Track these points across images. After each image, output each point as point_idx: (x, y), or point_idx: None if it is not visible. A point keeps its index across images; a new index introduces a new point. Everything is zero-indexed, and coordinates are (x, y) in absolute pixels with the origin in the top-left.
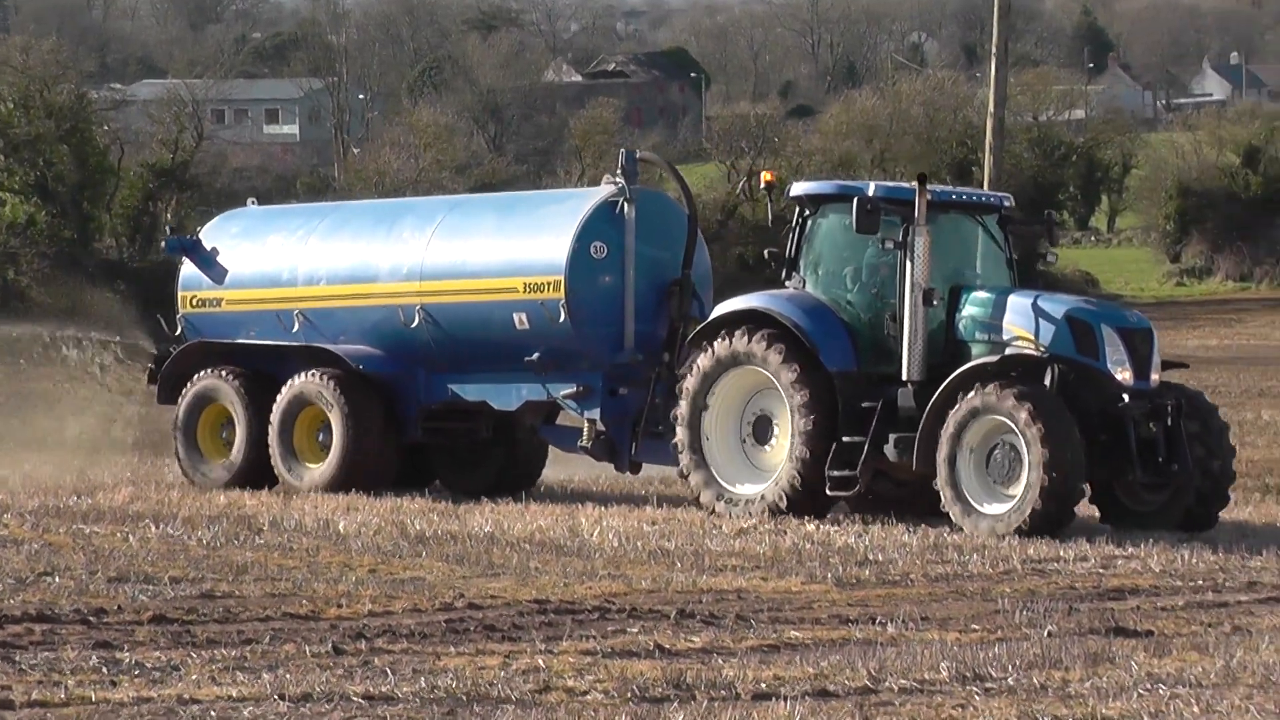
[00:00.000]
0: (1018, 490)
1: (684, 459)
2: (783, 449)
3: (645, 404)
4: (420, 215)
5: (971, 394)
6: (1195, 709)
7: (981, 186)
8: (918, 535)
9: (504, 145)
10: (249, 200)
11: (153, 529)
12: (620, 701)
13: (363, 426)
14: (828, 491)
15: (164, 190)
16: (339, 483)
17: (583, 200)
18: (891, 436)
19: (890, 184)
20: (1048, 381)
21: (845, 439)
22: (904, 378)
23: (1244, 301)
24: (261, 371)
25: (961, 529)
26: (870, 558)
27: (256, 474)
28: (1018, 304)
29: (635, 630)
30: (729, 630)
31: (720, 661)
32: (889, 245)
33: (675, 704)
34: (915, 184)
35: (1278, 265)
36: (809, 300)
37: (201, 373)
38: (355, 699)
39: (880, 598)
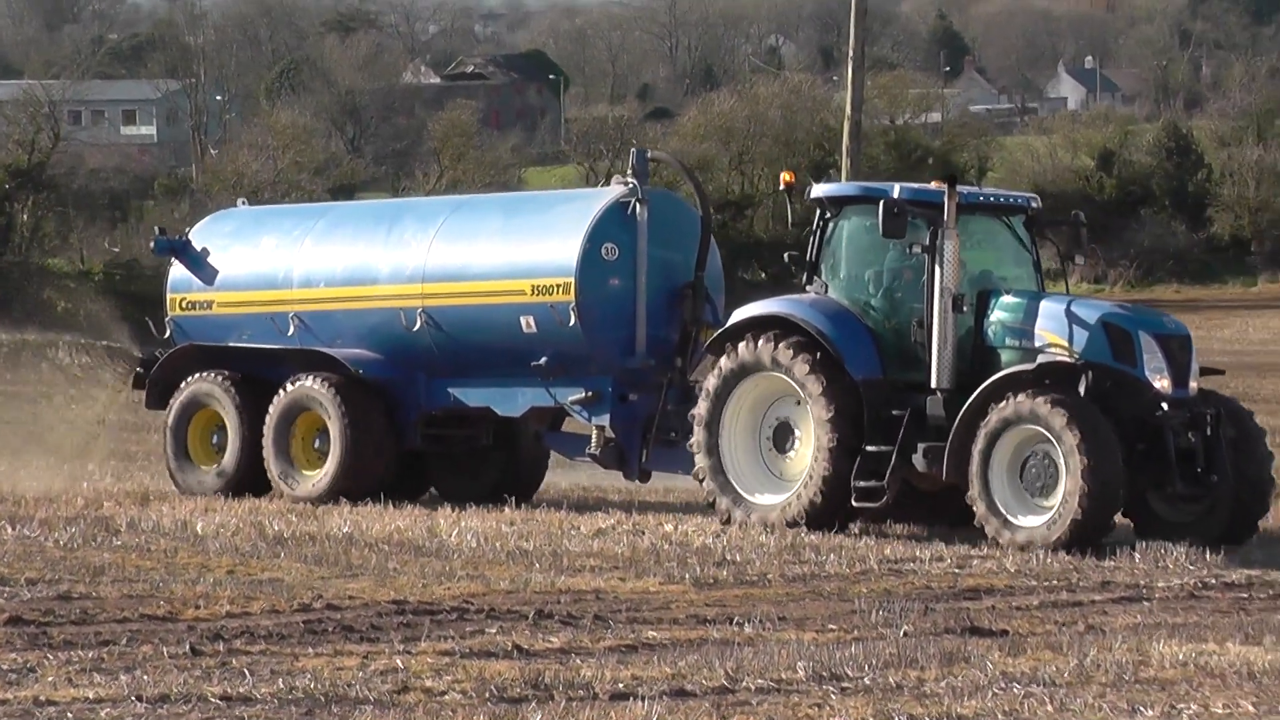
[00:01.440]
0: (1054, 501)
1: (702, 467)
2: (804, 458)
3: (656, 410)
4: (421, 216)
5: (1005, 402)
6: (1049, 707)
7: None
8: (775, 536)
9: (362, 147)
10: (239, 200)
11: (9, 530)
12: (478, 702)
13: (362, 433)
14: (854, 502)
15: (20, 191)
16: (337, 490)
17: (594, 200)
18: (920, 446)
19: (916, 185)
20: (1081, 389)
21: (871, 448)
22: (933, 385)
23: None
24: (256, 376)
25: (997, 542)
26: (728, 558)
27: (249, 481)
28: (1051, 309)
29: (493, 630)
30: (587, 630)
31: (578, 661)
32: (916, 249)
33: (533, 704)
34: (944, 185)
35: (1131, 267)
36: (832, 306)
37: (193, 376)
38: (213, 700)
39: (737, 598)
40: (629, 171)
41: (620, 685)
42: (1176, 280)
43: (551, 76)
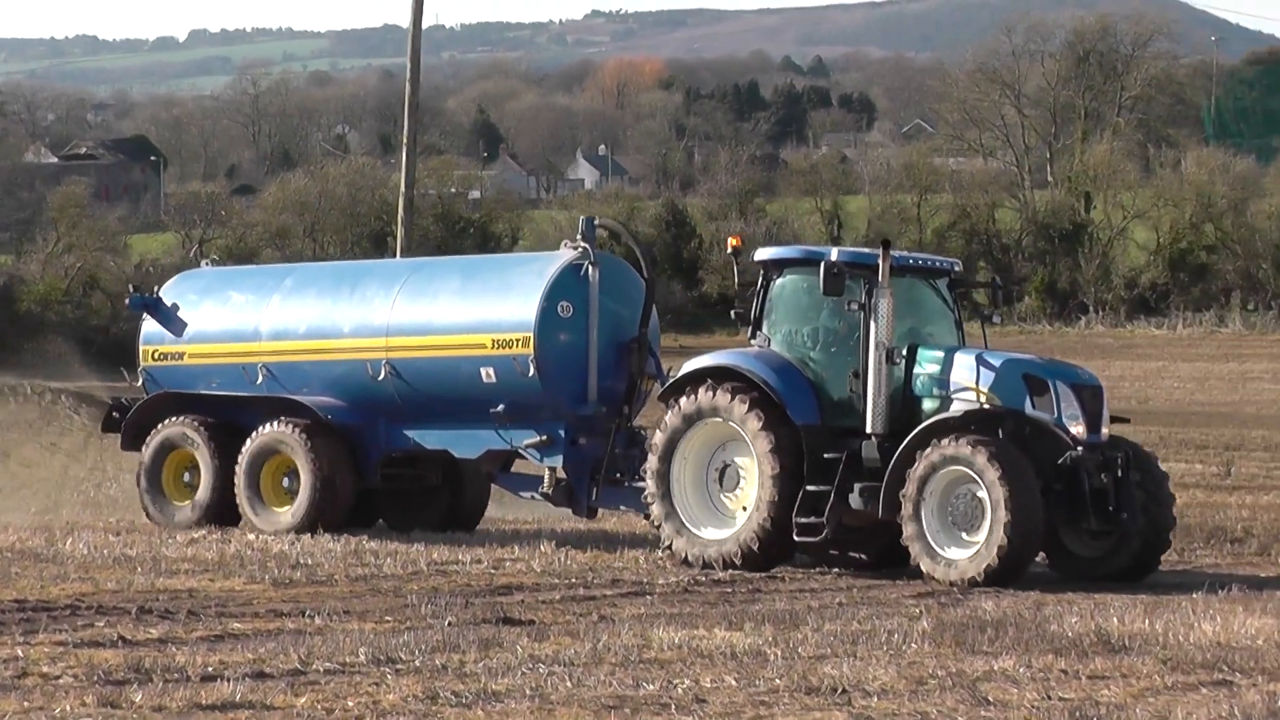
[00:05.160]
0: (980, 537)
1: (654, 506)
2: (748, 496)
3: (604, 454)
4: (383, 276)
5: (937, 445)
6: (569, 684)
7: (395, 255)
8: (341, 542)
9: None
10: (203, 262)
11: None
12: (88, 684)
13: (330, 473)
14: (795, 537)
15: None
16: (305, 526)
17: (549, 263)
18: (857, 486)
19: (852, 249)
20: (1000, 433)
21: (811, 488)
22: (868, 430)
23: None
24: (228, 420)
25: (932, 575)
26: (302, 561)
27: (221, 515)
28: (973, 362)
29: (101, 624)
30: (181, 623)
31: (174, 649)
32: (853, 307)
33: (135, 685)
34: (879, 249)
35: None
36: (775, 358)
37: (167, 420)
38: None
39: (310, 594)
40: (579, 236)
41: (210, 669)
42: (675, 331)
43: (153, 158)
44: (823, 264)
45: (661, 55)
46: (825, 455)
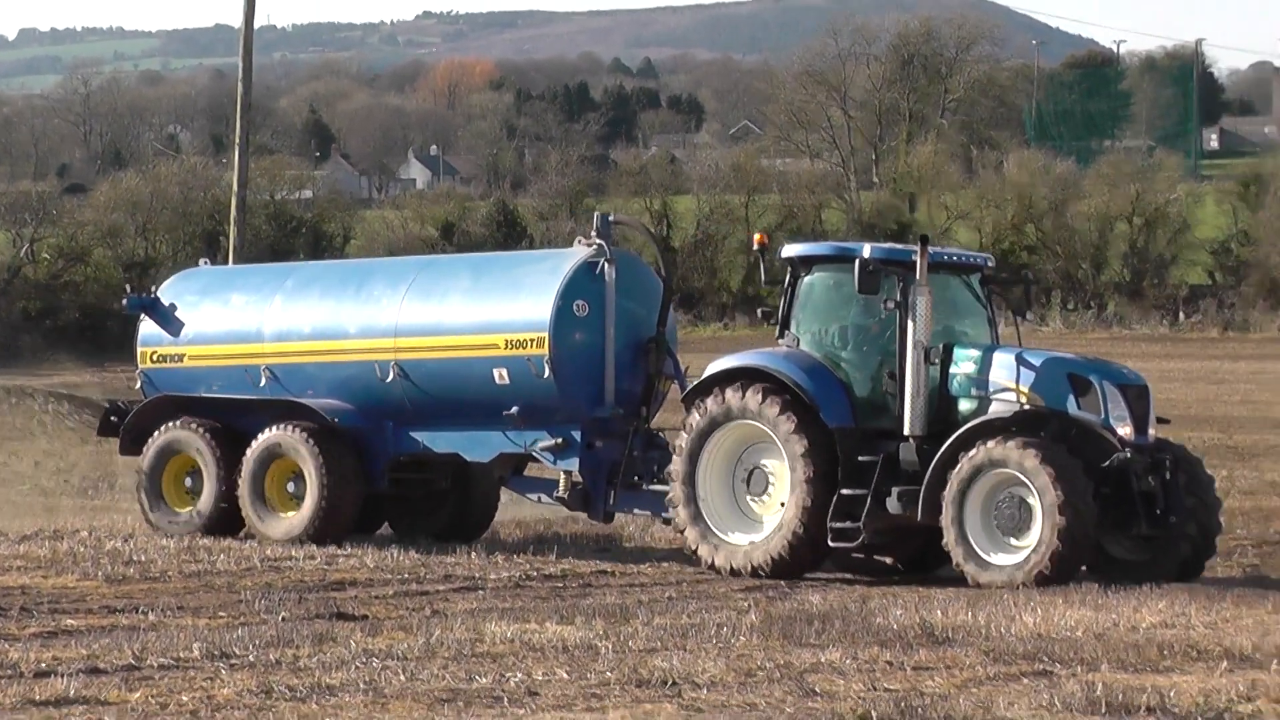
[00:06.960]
0: (1030, 541)
1: (679, 510)
2: (777, 501)
3: (622, 456)
4: (390, 275)
5: (982, 447)
6: (402, 677)
7: (228, 257)
8: (174, 539)
9: None
10: (200, 261)
11: None
12: None
13: (337, 478)
14: (830, 542)
15: None
16: (311, 532)
17: (564, 260)
18: (894, 490)
19: (886, 245)
20: (1044, 435)
21: (845, 492)
22: (905, 432)
23: None
24: (230, 424)
25: (977, 581)
26: (135, 558)
27: (225, 522)
28: (1013, 361)
29: None
30: (14, 620)
31: (6, 646)
32: (889, 305)
33: None
34: (916, 245)
35: None
36: (806, 358)
37: (168, 424)
38: None
39: (144, 591)
40: (593, 234)
41: (43, 665)
42: None
43: None
44: (858, 261)
45: (492, 56)
46: (860, 458)
